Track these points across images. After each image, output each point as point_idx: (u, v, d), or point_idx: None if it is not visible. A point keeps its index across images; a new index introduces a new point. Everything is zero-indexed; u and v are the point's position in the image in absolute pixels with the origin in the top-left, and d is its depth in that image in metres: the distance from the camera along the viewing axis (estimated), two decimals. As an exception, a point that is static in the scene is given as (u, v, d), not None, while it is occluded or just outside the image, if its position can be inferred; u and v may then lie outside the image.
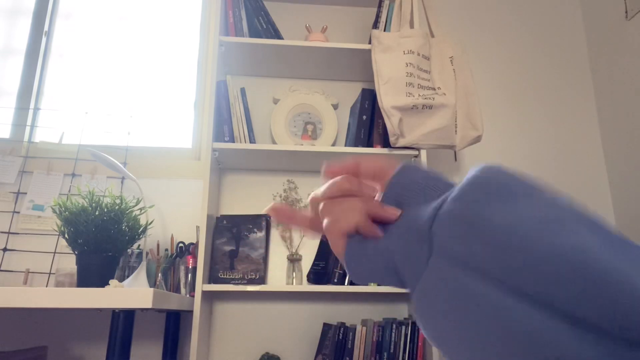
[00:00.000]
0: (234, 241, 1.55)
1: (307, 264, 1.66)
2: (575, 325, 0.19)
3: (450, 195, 0.25)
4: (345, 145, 1.72)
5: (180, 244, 1.60)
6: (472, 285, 0.22)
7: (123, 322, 1.01)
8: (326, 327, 1.52)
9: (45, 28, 1.93)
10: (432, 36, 1.69)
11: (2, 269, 1.58)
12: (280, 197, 1.73)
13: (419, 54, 1.58)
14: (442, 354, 0.25)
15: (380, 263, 0.29)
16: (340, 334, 1.48)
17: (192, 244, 1.60)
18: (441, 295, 0.23)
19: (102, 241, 1.28)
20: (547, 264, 0.20)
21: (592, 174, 1.91)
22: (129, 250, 1.50)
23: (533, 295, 0.20)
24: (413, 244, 0.26)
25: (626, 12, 1.83)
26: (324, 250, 1.59)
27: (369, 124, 1.64)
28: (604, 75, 1.95)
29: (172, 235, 1.63)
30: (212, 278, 1.49)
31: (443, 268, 0.24)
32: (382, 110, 1.52)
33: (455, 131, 1.58)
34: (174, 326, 1.51)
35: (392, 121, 1.50)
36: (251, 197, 1.74)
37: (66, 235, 1.28)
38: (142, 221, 1.42)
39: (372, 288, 1.46)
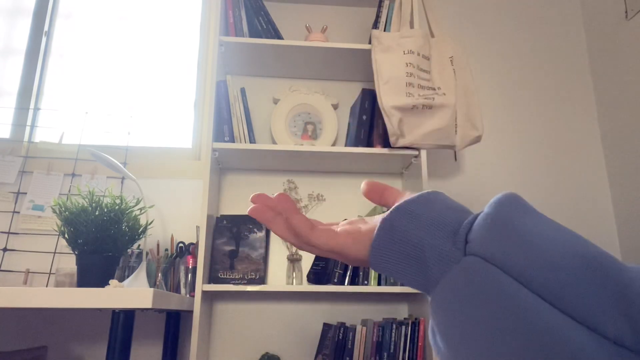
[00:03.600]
0: (234, 241, 1.55)
1: (307, 264, 1.66)
2: (593, 330, 0.21)
3: (485, 209, 0.29)
4: (346, 145, 1.72)
5: (180, 244, 1.60)
6: (504, 282, 0.24)
7: (123, 322, 1.01)
8: (326, 327, 1.52)
9: (45, 28, 1.93)
10: (432, 36, 1.69)
11: (2, 269, 1.58)
12: (280, 197, 1.73)
13: (419, 54, 1.58)
14: (446, 350, 0.26)
15: (407, 251, 0.30)
16: (340, 334, 1.48)
17: (192, 244, 1.60)
18: (471, 289, 0.25)
19: (102, 241, 1.28)
20: (570, 268, 0.23)
21: (592, 174, 1.91)
22: (129, 250, 1.49)
23: (555, 297, 0.23)
24: (446, 241, 0.29)
25: (626, 12, 1.83)
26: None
27: (369, 124, 1.64)
28: (604, 75, 1.95)
29: (172, 235, 1.63)
30: (212, 278, 1.49)
31: (478, 265, 0.26)
32: (382, 110, 1.52)
33: (455, 131, 1.58)
34: (174, 326, 1.51)
35: (392, 121, 1.50)
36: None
37: (66, 235, 1.28)
38: (142, 221, 1.42)
39: (372, 288, 1.46)
